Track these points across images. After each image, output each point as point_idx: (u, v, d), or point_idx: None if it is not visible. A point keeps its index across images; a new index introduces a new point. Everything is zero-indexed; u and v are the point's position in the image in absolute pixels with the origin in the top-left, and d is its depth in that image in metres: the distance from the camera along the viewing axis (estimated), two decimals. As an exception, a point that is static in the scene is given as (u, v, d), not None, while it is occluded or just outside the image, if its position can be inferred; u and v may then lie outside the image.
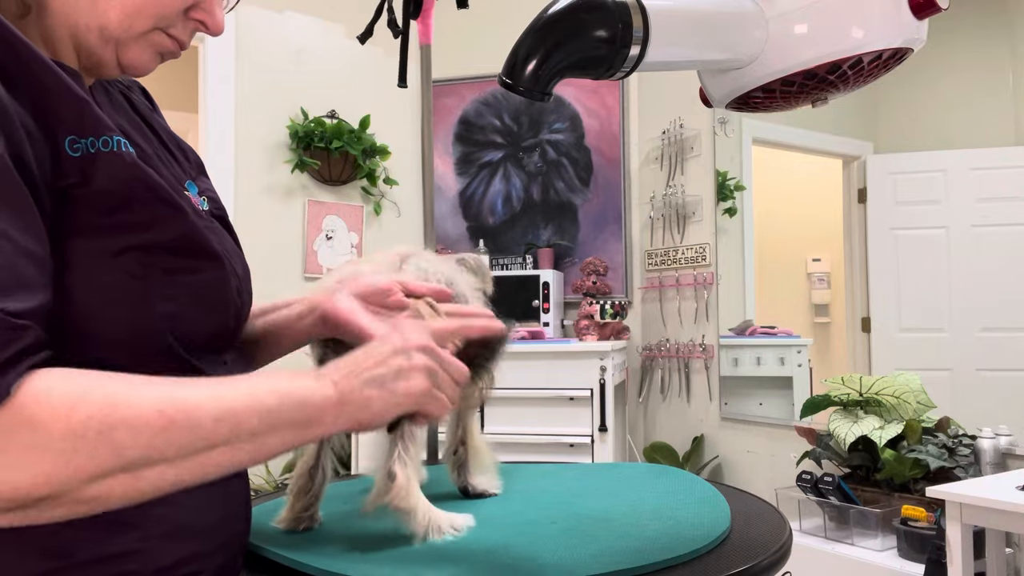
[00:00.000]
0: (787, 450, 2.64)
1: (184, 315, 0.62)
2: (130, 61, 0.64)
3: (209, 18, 0.66)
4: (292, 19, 3.21)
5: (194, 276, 0.62)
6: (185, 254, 0.62)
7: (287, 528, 0.85)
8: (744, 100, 0.93)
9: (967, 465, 2.01)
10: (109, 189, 0.57)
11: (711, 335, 2.97)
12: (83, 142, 0.57)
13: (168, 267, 0.60)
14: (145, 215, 0.59)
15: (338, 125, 3.16)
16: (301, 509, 0.85)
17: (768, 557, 0.75)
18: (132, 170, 0.59)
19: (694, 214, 3.06)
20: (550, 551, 0.74)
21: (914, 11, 0.82)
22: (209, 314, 0.65)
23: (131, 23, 0.62)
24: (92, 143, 0.57)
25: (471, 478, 1.00)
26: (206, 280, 0.64)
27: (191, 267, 0.62)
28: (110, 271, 0.57)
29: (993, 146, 2.17)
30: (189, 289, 0.62)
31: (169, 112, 4.47)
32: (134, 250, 0.58)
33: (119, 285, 0.57)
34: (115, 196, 0.58)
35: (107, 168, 0.57)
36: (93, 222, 0.57)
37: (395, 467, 0.77)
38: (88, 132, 0.57)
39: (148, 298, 0.59)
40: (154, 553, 0.60)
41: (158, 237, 0.60)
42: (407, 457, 0.79)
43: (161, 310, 0.60)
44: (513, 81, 0.79)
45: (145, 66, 0.66)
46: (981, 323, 2.18)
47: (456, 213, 3.45)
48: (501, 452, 1.05)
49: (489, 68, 3.38)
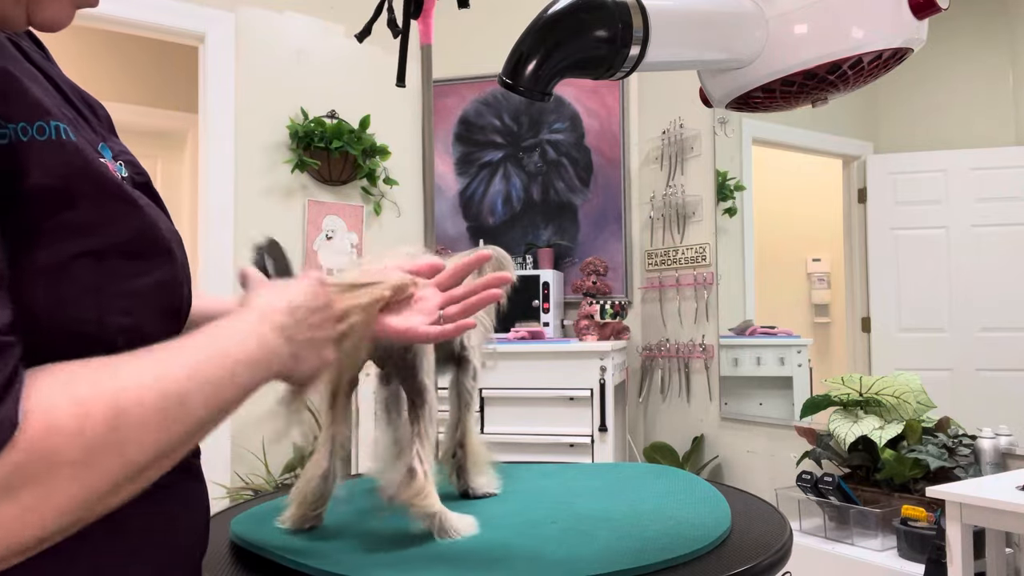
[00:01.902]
0: (787, 450, 2.65)
1: (139, 325, 0.54)
2: (46, 17, 0.53)
3: None
4: (292, 19, 3.21)
5: (148, 278, 0.55)
6: (139, 255, 0.54)
7: (293, 528, 0.86)
8: (744, 100, 0.93)
9: (967, 465, 2.01)
10: (48, 185, 0.48)
11: (711, 335, 2.97)
12: (10, 128, 0.47)
13: (123, 273, 0.53)
14: (93, 214, 0.51)
15: (338, 125, 3.16)
16: (310, 510, 0.86)
17: (768, 557, 0.75)
18: (75, 161, 0.50)
19: (694, 214, 3.06)
20: (550, 551, 0.74)
21: (914, 11, 0.82)
22: (163, 319, 0.57)
23: None
24: (24, 129, 0.48)
25: (471, 481, 1.00)
26: (159, 281, 0.56)
27: (145, 269, 0.55)
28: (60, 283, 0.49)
29: (993, 146, 2.17)
30: (144, 297, 0.55)
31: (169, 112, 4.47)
32: (85, 256, 0.50)
33: (72, 300, 0.49)
34: (56, 193, 0.49)
35: (43, 160, 0.48)
36: (34, 225, 0.48)
37: (415, 464, 0.80)
38: (17, 117, 0.48)
39: (104, 312, 0.51)
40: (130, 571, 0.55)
41: (111, 239, 0.52)
42: (424, 456, 0.81)
43: (116, 324, 0.52)
44: (513, 81, 0.79)
45: (63, 21, 0.54)
46: (981, 323, 2.18)
47: (456, 213, 3.45)
48: (501, 452, 1.06)
49: (489, 68, 3.38)
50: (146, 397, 0.46)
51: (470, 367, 1.03)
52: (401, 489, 0.79)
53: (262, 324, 0.58)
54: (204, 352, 0.52)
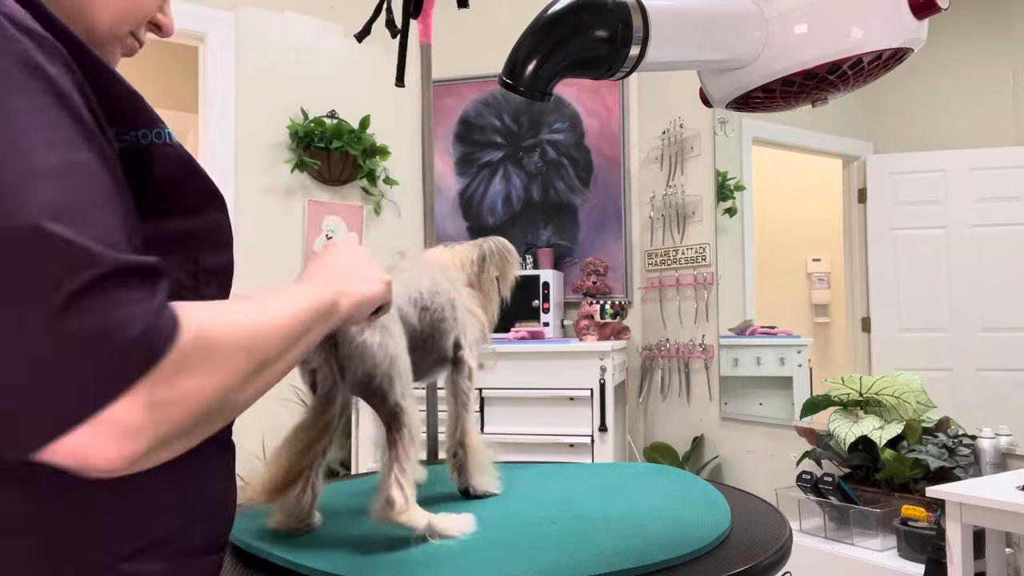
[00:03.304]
0: (787, 450, 2.65)
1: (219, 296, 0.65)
2: None
3: (166, 21, 0.73)
4: (292, 19, 3.21)
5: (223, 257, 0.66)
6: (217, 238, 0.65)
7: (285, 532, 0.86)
8: (744, 100, 0.93)
9: (967, 465, 2.01)
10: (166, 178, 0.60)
11: (711, 335, 2.97)
12: (133, 133, 0.59)
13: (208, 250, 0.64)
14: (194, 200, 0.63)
15: (338, 125, 3.16)
16: (295, 522, 0.86)
17: (768, 557, 0.75)
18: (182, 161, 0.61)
19: (694, 214, 3.06)
20: (550, 551, 0.74)
21: (914, 11, 0.82)
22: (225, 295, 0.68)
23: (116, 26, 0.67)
24: (144, 135, 0.59)
25: (471, 479, 1.00)
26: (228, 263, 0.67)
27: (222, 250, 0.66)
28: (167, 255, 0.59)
29: (993, 146, 2.17)
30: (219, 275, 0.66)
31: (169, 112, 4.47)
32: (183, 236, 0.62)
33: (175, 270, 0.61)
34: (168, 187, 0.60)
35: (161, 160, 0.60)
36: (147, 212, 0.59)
37: (393, 493, 0.80)
38: (142, 124, 0.59)
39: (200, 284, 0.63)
40: (192, 535, 0.62)
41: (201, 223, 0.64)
42: (403, 480, 0.81)
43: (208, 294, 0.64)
44: (513, 81, 0.79)
45: (112, 65, 0.69)
46: (981, 323, 2.18)
47: (456, 213, 3.45)
48: (501, 452, 1.05)
49: (489, 68, 3.38)
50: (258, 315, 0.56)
51: (465, 367, 1.02)
52: (380, 515, 0.80)
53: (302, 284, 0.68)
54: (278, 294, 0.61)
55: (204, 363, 0.50)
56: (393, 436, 0.84)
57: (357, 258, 0.75)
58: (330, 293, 0.66)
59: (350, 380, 0.83)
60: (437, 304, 0.95)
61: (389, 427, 0.85)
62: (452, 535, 0.80)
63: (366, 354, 0.82)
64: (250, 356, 0.54)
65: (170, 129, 0.62)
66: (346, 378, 0.83)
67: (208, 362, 0.50)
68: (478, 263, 1.07)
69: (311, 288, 0.66)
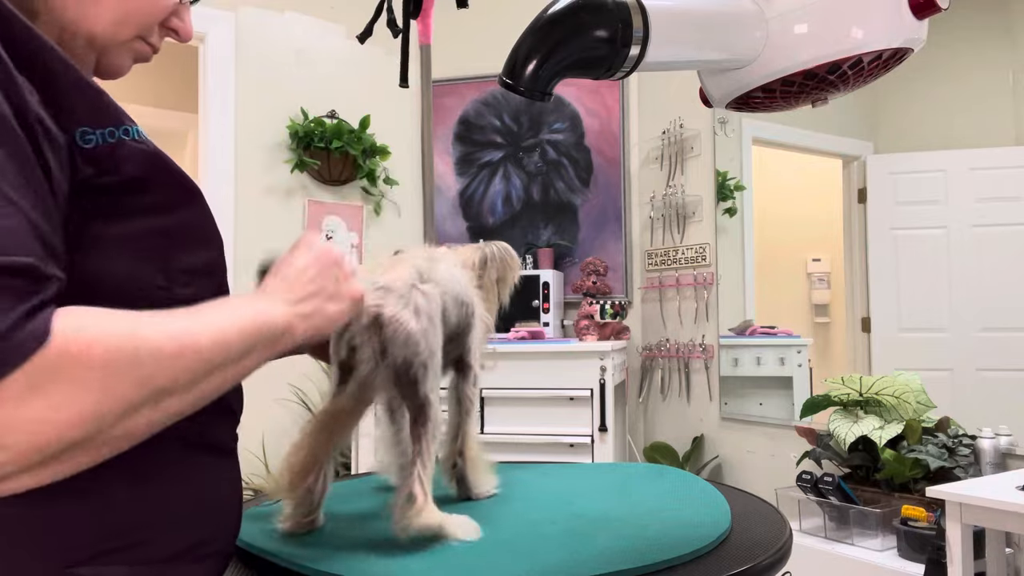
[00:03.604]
0: (787, 450, 2.64)
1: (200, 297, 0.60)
2: (109, 65, 0.68)
3: (182, 26, 0.72)
4: (292, 19, 3.21)
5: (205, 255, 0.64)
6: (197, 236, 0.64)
7: (291, 530, 0.85)
8: (744, 100, 0.93)
9: (967, 465, 2.01)
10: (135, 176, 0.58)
11: (711, 335, 2.97)
12: (97, 133, 0.57)
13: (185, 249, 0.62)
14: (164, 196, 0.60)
15: (338, 125, 3.16)
16: (301, 517, 0.85)
17: (768, 557, 0.75)
18: (152, 157, 0.60)
19: (694, 214, 3.06)
20: (550, 551, 0.74)
21: (914, 11, 0.82)
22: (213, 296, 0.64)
23: (118, 31, 0.66)
24: (111, 132, 0.57)
25: (472, 489, 0.98)
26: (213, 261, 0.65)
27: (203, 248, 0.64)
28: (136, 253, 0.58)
29: (993, 146, 2.17)
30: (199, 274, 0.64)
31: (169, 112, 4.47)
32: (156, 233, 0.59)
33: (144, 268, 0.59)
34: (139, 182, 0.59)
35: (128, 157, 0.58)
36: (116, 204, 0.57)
37: (415, 489, 0.78)
38: (108, 122, 0.57)
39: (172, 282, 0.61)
40: (163, 541, 0.61)
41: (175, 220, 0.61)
42: (424, 476, 0.79)
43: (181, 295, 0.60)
44: (513, 81, 0.79)
45: (122, 70, 0.69)
46: (981, 323, 2.18)
47: (456, 213, 3.45)
48: (501, 452, 1.05)
49: (489, 68, 3.38)
50: (159, 329, 0.51)
51: (471, 373, 0.99)
52: (401, 513, 0.78)
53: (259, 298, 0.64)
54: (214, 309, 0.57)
55: (69, 384, 0.45)
56: (419, 430, 0.81)
57: (329, 266, 0.68)
58: (284, 315, 0.62)
59: (390, 363, 0.80)
60: (469, 303, 0.94)
61: (415, 420, 0.82)
62: (461, 538, 0.79)
63: (410, 340, 0.79)
64: (141, 381, 0.48)
65: (139, 126, 0.61)
66: (387, 361, 0.80)
67: (76, 383, 0.45)
68: (480, 266, 1.06)
69: (263, 305, 0.61)
